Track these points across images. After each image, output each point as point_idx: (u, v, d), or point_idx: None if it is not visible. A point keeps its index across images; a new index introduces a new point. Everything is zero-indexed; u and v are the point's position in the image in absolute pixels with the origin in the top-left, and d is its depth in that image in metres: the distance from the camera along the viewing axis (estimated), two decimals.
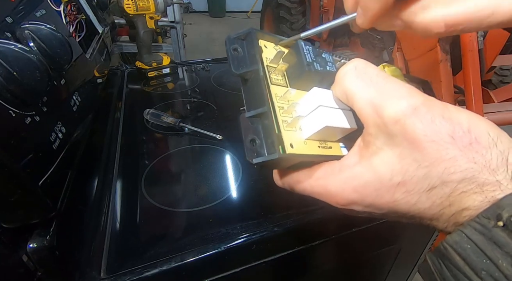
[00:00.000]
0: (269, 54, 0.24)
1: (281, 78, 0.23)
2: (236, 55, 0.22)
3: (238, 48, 0.23)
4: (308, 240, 0.44)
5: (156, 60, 0.84)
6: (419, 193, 0.17)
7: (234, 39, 0.23)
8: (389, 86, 0.17)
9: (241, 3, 4.72)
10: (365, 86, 0.18)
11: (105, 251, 0.36)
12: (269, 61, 0.23)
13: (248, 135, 0.21)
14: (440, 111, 0.16)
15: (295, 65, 0.23)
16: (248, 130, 0.21)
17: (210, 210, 0.43)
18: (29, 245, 0.31)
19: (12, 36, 0.35)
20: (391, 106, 0.17)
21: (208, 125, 0.63)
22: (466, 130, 0.15)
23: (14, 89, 0.30)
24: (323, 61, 0.23)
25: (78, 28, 0.63)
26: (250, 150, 0.20)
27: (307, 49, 0.22)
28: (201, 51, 3.21)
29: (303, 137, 0.22)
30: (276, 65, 0.23)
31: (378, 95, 0.17)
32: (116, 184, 0.47)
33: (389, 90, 0.17)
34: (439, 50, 1.03)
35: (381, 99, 0.17)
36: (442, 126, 0.16)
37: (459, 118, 0.16)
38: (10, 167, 0.28)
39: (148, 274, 0.34)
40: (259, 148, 0.20)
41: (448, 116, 0.16)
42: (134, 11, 0.77)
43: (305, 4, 2.39)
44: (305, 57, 0.22)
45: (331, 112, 0.21)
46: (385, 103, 0.17)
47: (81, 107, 0.46)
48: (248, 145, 0.20)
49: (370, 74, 0.18)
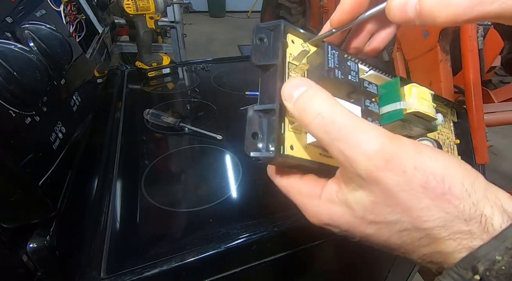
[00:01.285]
0: (295, 50, 0.23)
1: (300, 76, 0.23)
2: (260, 45, 0.22)
3: (264, 38, 0.22)
4: (308, 240, 0.44)
5: (156, 60, 0.84)
6: (390, 232, 0.17)
7: (262, 28, 0.22)
8: (361, 137, 0.16)
9: (241, 3, 4.71)
10: (335, 140, 0.17)
11: (105, 251, 0.36)
12: (292, 58, 0.23)
13: (252, 128, 0.21)
14: (413, 161, 0.16)
15: (317, 67, 0.22)
16: (253, 122, 0.21)
17: (210, 210, 0.43)
18: (29, 245, 0.31)
19: (12, 36, 0.35)
20: (363, 160, 0.16)
21: (208, 125, 0.63)
22: (439, 180, 0.15)
23: (14, 89, 0.30)
24: (346, 69, 0.22)
25: (78, 28, 0.63)
26: (251, 142, 0.20)
27: (333, 54, 0.21)
28: (201, 51, 3.22)
29: (306, 141, 0.22)
30: (298, 63, 0.23)
31: (348, 148, 0.17)
32: (116, 184, 0.47)
33: (360, 141, 0.16)
34: (439, 50, 1.03)
35: (352, 153, 0.16)
36: (414, 177, 0.16)
37: (433, 167, 0.16)
38: (10, 167, 0.28)
39: (148, 274, 0.34)
40: (259, 143, 0.20)
41: (421, 166, 0.16)
42: (134, 11, 0.77)
43: (305, 4, 2.40)
44: (328, 62, 0.21)
45: None
46: (357, 158, 0.16)
47: (81, 107, 0.46)
48: (249, 137, 0.20)
49: (338, 124, 0.17)
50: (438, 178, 0.15)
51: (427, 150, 0.16)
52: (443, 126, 0.32)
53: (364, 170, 0.16)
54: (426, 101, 0.23)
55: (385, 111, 0.24)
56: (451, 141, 0.32)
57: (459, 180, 0.15)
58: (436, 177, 0.15)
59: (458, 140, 0.32)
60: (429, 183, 0.15)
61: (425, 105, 0.23)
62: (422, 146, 0.17)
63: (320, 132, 0.18)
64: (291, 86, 0.19)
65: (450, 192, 0.15)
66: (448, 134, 0.32)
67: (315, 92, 0.18)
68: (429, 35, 1.07)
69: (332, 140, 0.17)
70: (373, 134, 0.16)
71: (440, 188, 0.15)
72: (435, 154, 0.16)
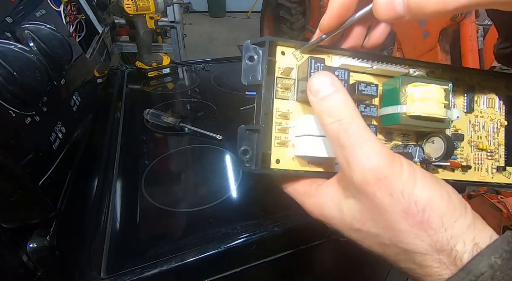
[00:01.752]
0: (284, 62, 0.23)
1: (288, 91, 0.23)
2: (249, 65, 0.23)
3: (254, 56, 0.23)
4: (308, 240, 0.44)
5: (156, 60, 0.84)
6: (372, 242, 0.19)
7: (251, 46, 0.23)
8: (364, 150, 0.18)
9: (241, 3, 4.71)
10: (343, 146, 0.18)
11: (105, 251, 0.36)
12: (281, 72, 0.23)
13: (242, 145, 0.22)
14: (402, 186, 0.17)
15: (304, 81, 0.22)
16: (243, 140, 0.23)
17: (210, 210, 0.43)
18: (29, 245, 0.31)
19: (12, 36, 0.35)
20: (359, 172, 0.17)
21: (208, 125, 0.63)
22: (420, 210, 0.16)
23: (14, 89, 0.30)
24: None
25: (78, 28, 0.63)
26: (241, 159, 0.22)
27: (316, 67, 0.22)
28: (201, 51, 3.21)
29: (293, 153, 0.23)
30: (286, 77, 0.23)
31: (351, 156, 0.18)
32: (116, 184, 0.47)
33: (361, 154, 0.18)
34: (439, 50, 1.03)
35: (353, 161, 0.18)
36: (398, 201, 0.17)
37: (419, 196, 0.17)
38: (10, 167, 0.28)
39: (148, 274, 0.34)
40: (249, 159, 0.22)
41: (408, 192, 0.17)
42: (134, 11, 0.77)
43: (305, 4, 2.39)
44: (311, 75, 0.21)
45: (317, 142, 0.22)
46: (355, 167, 0.18)
47: (81, 107, 0.46)
48: (239, 154, 0.22)
49: (350, 133, 0.18)
50: (419, 207, 0.16)
51: (422, 178, 0.17)
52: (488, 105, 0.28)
53: (358, 181, 0.18)
54: (433, 100, 0.22)
55: (384, 113, 0.23)
56: (497, 122, 0.28)
57: (439, 214, 0.16)
58: (418, 206, 0.17)
59: (506, 121, 0.28)
60: (410, 210, 0.17)
61: (429, 106, 0.22)
62: (420, 173, 0.18)
63: (333, 135, 0.19)
64: (320, 81, 0.19)
65: (427, 223, 0.16)
66: (494, 114, 0.28)
67: (342, 97, 0.19)
68: (429, 35, 1.07)
69: (340, 145, 0.18)
70: (375, 151, 0.17)
71: (420, 217, 0.16)
72: (427, 183, 0.17)
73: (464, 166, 0.27)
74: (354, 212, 0.19)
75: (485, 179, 0.28)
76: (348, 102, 0.19)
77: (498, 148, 0.28)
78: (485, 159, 0.28)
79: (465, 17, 0.96)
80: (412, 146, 0.23)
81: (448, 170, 0.27)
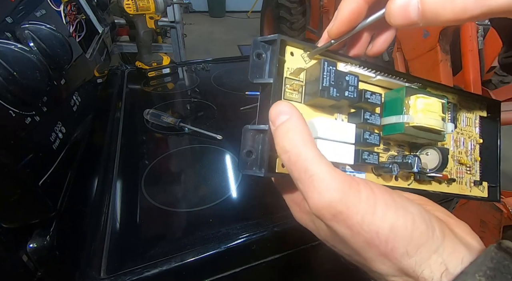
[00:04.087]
0: (293, 63, 0.23)
1: (296, 92, 0.23)
2: (257, 62, 0.22)
3: (262, 54, 0.22)
4: (308, 240, 0.44)
5: (156, 60, 0.84)
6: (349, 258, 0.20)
7: (259, 43, 0.22)
8: (314, 185, 0.17)
9: (241, 3, 4.72)
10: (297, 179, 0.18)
11: (105, 251, 0.36)
12: (290, 73, 0.23)
13: (246, 146, 0.21)
14: (360, 219, 0.16)
15: (314, 83, 0.21)
16: (247, 141, 0.21)
17: (210, 210, 0.43)
18: (29, 245, 0.32)
19: (12, 36, 0.35)
20: (314, 208, 0.17)
21: (208, 125, 0.63)
22: (382, 241, 0.16)
23: (14, 89, 0.30)
24: (343, 85, 0.21)
25: (78, 28, 0.63)
26: (244, 161, 0.21)
27: (329, 70, 0.21)
28: (201, 51, 3.22)
29: None
30: (295, 78, 0.23)
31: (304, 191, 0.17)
32: (116, 184, 0.47)
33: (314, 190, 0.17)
34: (439, 50, 1.03)
35: (307, 197, 0.17)
36: (359, 233, 0.16)
37: (379, 227, 0.16)
38: (10, 167, 0.28)
39: (148, 274, 0.34)
40: (253, 161, 0.21)
41: (368, 224, 0.16)
42: (134, 11, 0.77)
43: (305, 4, 2.40)
44: (323, 80, 0.20)
45: (327, 145, 0.21)
46: (310, 203, 0.17)
47: (81, 107, 0.46)
48: (243, 156, 0.21)
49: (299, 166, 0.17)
50: (382, 238, 0.16)
51: (383, 204, 0.17)
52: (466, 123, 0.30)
53: (315, 214, 0.17)
54: (433, 113, 0.23)
55: (387, 122, 0.24)
56: (474, 139, 0.30)
57: (403, 244, 0.16)
58: (380, 238, 0.16)
59: (481, 139, 0.30)
60: (373, 241, 0.16)
61: (430, 118, 0.22)
62: (381, 198, 0.17)
63: (286, 166, 0.18)
64: (276, 111, 0.19)
65: (392, 253, 0.16)
66: (471, 132, 0.30)
67: (293, 125, 0.18)
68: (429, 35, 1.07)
69: (295, 178, 0.18)
70: (325, 186, 0.16)
71: (383, 247, 0.16)
72: (389, 211, 0.17)
73: (449, 179, 0.28)
74: (326, 233, 0.19)
75: (465, 193, 0.29)
76: (298, 130, 0.18)
77: (475, 163, 0.30)
78: (465, 173, 0.29)
79: None
80: (411, 156, 0.24)
81: (436, 182, 0.28)
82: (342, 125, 0.22)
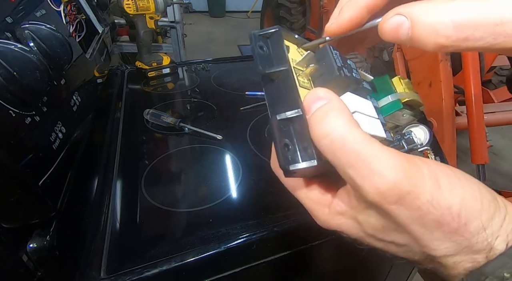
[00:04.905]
0: (293, 55, 0.23)
1: (307, 81, 0.22)
2: (262, 54, 0.21)
3: (263, 46, 0.21)
4: (308, 240, 0.44)
5: (156, 60, 0.84)
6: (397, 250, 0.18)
7: (259, 36, 0.21)
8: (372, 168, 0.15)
9: (241, 3, 4.71)
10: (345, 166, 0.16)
11: (105, 251, 0.36)
12: (295, 63, 0.22)
13: (282, 139, 0.19)
14: (429, 197, 0.15)
15: (323, 69, 0.21)
16: (280, 133, 0.19)
17: (210, 210, 0.43)
18: (29, 245, 0.31)
19: (12, 36, 0.35)
20: (373, 193, 0.15)
21: (208, 125, 0.63)
22: (455, 216, 0.15)
23: (14, 89, 0.30)
24: (349, 67, 0.21)
25: (78, 28, 0.63)
26: (284, 156, 0.19)
27: (335, 54, 0.21)
28: (201, 51, 3.21)
29: None
30: (303, 68, 0.22)
31: (359, 177, 0.15)
32: (116, 184, 0.47)
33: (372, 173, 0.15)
34: None
35: (362, 182, 0.15)
36: (429, 212, 0.15)
37: (450, 201, 0.15)
38: (10, 167, 0.28)
39: (148, 274, 0.34)
40: (293, 154, 0.19)
41: (437, 201, 0.15)
42: (134, 11, 0.77)
43: (305, 4, 2.39)
44: (335, 62, 0.20)
45: (366, 119, 0.20)
46: (367, 189, 0.15)
47: (81, 107, 0.46)
48: (282, 150, 0.19)
49: (348, 150, 0.16)
50: (454, 213, 0.15)
51: (446, 180, 0.15)
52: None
53: (375, 200, 0.15)
54: (412, 90, 0.25)
55: (384, 103, 0.25)
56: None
57: (477, 215, 0.15)
58: (452, 213, 0.15)
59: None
60: (444, 218, 0.15)
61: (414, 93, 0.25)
62: (440, 174, 0.16)
63: (329, 154, 0.16)
64: (311, 98, 0.18)
65: (465, 228, 0.15)
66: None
67: (333, 107, 0.17)
68: None
69: (342, 164, 0.16)
70: (388, 165, 0.15)
71: (456, 223, 0.15)
72: (453, 185, 0.15)
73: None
74: (375, 226, 0.17)
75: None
76: (338, 112, 0.17)
77: None
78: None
79: None
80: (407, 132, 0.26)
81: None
82: (365, 100, 0.22)
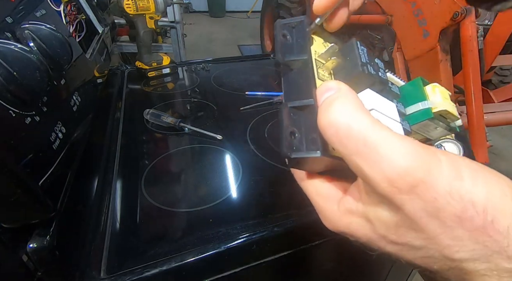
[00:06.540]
0: (317, 48, 0.22)
1: (327, 74, 0.21)
2: (285, 42, 0.21)
3: (287, 35, 0.21)
4: (308, 240, 0.44)
5: (156, 60, 0.84)
6: (414, 256, 0.16)
7: (284, 25, 0.21)
8: (382, 154, 0.14)
9: (241, 3, 4.71)
10: (352, 154, 0.14)
11: (105, 251, 0.36)
12: (318, 55, 0.22)
13: (289, 127, 0.18)
14: (448, 187, 0.13)
15: (347, 64, 0.21)
16: (289, 121, 0.18)
17: (210, 210, 0.43)
18: (29, 245, 0.31)
19: (12, 36, 0.35)
20: (383, 182, 0.14)
21: (208, 125, 0.63)
22: (480, 211, 0.13)
23: (14, 89, 0.30)
24: (376, 66, 0.21)
25: (78, 28, 0.63)
26: (288, 143, 0.18)
27: (362, 50, 0.20)
28: (201, 51, 3.21)
29: None
30: (325, 61, 0.22)
31: (367, 165, 0.14)
32: (116, 184, 0.47)
33: (381, 159, 0.14)
34: (439, 50, 1.03)
35: (371, 171, 0.14)
36: (448, 204, 0.13)
37: (474, 195, 0.13)
38: (10, 167, 0.28)
39: (148, 274, 0.34)
40: (298, 143, 0.18)
41: (458, 193, 0.13)
42: (134, 11, 0.77)
43: (305, 4, 2.39)
44: (360, 57, 0.20)
45: (385, 120, 0.19)
46: (376, 178, 0.14)
47: (81, 107, 0.46)
48: (287, 137, 0.18)
49: (355, 137, 0.14)
50: (478, 208, 0.13)
51: (468, 172, 0.14)
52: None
53: (385, 192, 0.14)
54: (448, 100, 0.22)
55: (413, 110, 0.23)
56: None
57: (506, 213, 0.13)
58: (476, 207, 0.13)
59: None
60: (466, 213, 0.13)
61: (449, 104, 0.22)
62: (462, 165, 0.14)
63: (336, 144, 0.15)
64: (321, 89, 0.17)
65: (492, 226, 0.13)
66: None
67: (340, 95, 0.16)
68: (429, 35, 1.07)
69: (349, 154, 0.15)
70: (399, 151, 0.13)
71: (481, 220, 0.13)
72: (477, 177, 0.14)
73: None
74: (388, 224, 0.15)
75: None
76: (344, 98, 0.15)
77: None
78: None
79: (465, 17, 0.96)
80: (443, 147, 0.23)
81: None
82: (388, 101, 0.20)
